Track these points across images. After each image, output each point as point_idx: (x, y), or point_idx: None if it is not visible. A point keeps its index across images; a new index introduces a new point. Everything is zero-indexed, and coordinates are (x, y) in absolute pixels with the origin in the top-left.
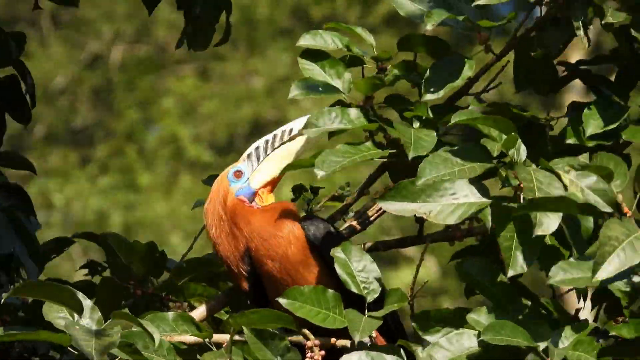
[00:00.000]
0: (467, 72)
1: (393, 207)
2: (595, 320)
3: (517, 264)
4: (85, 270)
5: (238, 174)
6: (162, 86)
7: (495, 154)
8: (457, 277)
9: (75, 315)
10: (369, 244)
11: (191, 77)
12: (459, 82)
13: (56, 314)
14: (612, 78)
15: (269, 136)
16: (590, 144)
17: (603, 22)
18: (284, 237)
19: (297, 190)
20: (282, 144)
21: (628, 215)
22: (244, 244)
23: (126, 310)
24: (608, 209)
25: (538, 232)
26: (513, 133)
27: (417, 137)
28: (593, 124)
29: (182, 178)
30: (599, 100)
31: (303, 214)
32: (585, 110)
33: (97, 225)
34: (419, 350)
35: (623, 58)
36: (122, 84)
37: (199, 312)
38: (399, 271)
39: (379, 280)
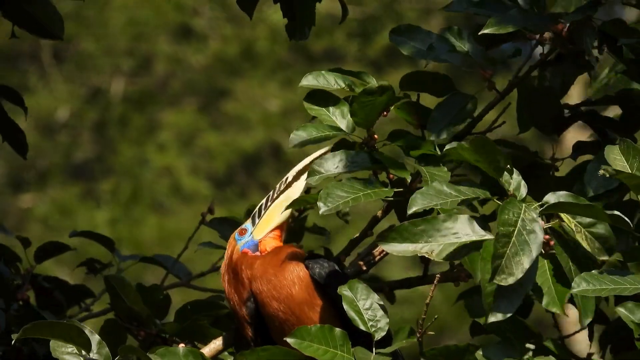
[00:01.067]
0: (470, 110)
1: (395, 248)
2: None
3: (499, 310)
4: (83, 274)
5: (242, 231)
6: (161, 120)
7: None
8: (462, 313)
9: (84, 352)
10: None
11: (191, 111)
12: (463, 124)
13: (63, 349)
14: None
15: (270, 193)
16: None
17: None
18: (288, 277)
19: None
20: (280, 193)
21: None
22: (248, 288)
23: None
24: (605, 257)
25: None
26: (503, 161)
27: (430, 172)
28: (596, 182)
29: (180, 212)
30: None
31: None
32: (588, 166)
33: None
34: None
35: (629, 99)
36: (121, 117)
37: (209, 349)
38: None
39: (385, 318)
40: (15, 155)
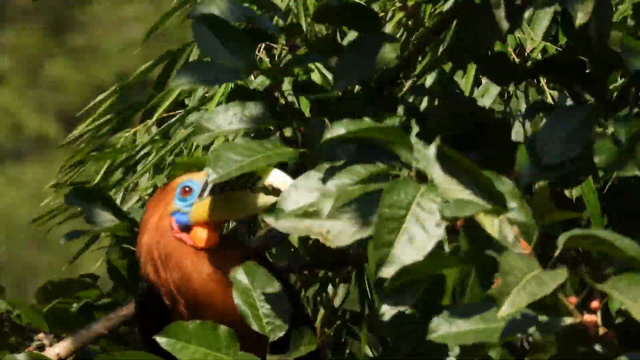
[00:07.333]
0: (389, 55)
1: (282, 224)
2: None
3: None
4: None
5: (187, 191)
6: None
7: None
8: None
9: None
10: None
11: (39, 30)
12: (377, 69)
13: None
14: None
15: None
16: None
17: None
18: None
19: None
20: (242, 188)
21: (527, 251)
22: (168, 278)
23: None
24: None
25: (381, 274)
26: (404, 140)
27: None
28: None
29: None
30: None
31: None
32: (542, 131)
33: None
34: None
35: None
36: None
37: (63, 346)
38: None
39: (287, 312)
40: None
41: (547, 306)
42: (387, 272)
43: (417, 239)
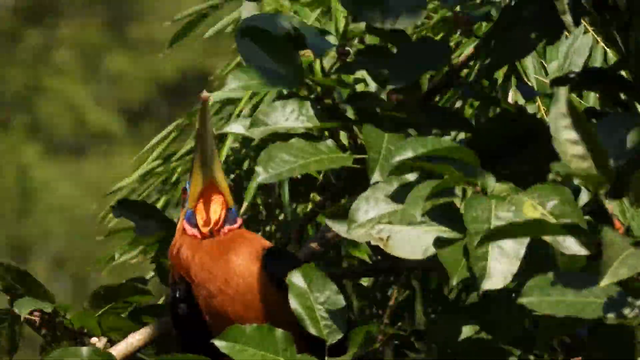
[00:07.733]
0: (444, 58)
1: (344, 228)
2: None
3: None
4: None
5: (185, 192)
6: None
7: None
8: None
9: None
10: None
11: (97, 23)
12: (433, 70)
13: None
14: None
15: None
16: None
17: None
18: (241, 290)
19: None
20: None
21: (620, 230)
22: (183, 272)
23: None
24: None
25: (483, 287)
26: (470, 157)
27: (388, 148)
28: None
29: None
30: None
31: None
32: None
33: None
34: None
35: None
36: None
37: (119, 348)
38: None
39: (344, 315)
40: None
41: (636, 289)
42: (489, 284)
43: (507, 249)
